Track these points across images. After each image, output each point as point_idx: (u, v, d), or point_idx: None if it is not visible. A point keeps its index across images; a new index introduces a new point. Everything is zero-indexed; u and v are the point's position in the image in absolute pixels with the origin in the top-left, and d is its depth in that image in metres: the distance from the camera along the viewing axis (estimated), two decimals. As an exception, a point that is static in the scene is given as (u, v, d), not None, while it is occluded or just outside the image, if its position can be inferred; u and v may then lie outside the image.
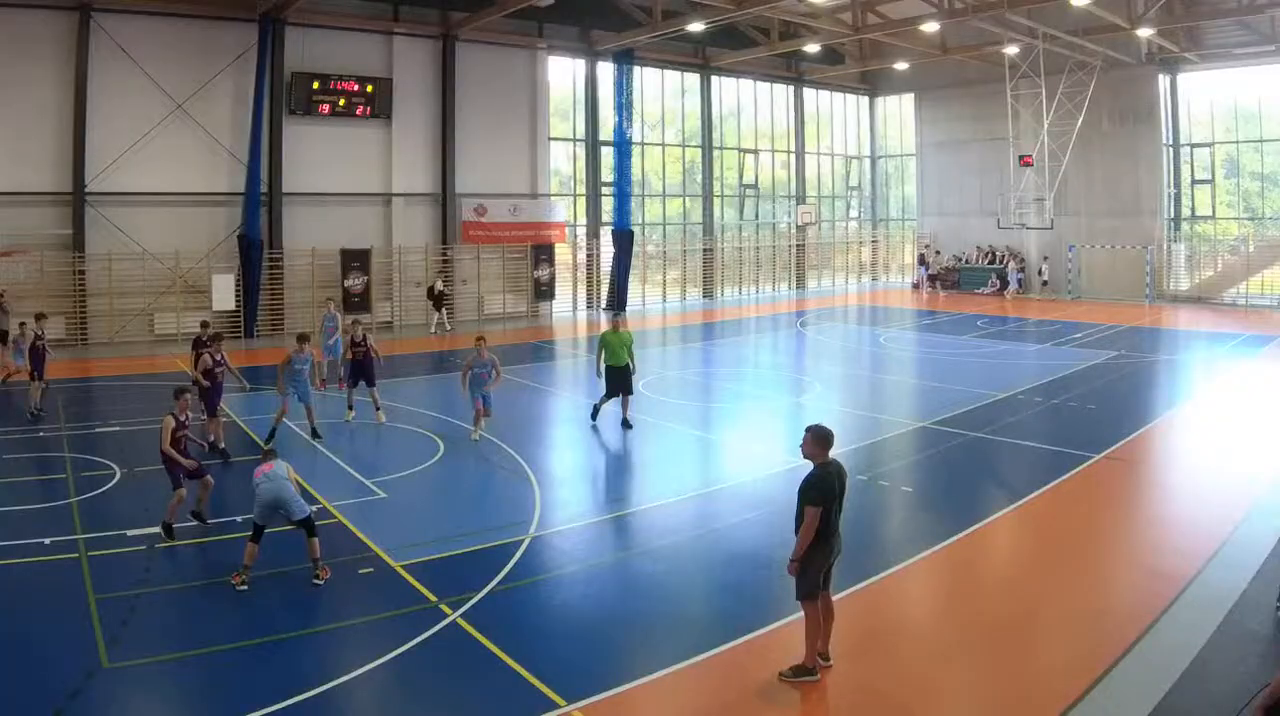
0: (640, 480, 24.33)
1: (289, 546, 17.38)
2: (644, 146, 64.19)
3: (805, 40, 59.39)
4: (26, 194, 42.71)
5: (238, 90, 47.43)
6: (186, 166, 46.46)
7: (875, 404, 33.30)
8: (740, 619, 14.94)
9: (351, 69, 50.46)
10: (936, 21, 52.36)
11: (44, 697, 12.46)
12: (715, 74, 67.11)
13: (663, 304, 64.77)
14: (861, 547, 17.09)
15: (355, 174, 51.39)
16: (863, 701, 12.90)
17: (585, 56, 60.20)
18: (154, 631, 14.68)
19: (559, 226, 58.82)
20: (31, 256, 42.45)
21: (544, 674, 13.09)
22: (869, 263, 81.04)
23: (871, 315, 60.99)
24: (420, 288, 53.40)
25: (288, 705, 12.28)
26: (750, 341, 49.36)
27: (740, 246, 71.02)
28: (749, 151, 71.13)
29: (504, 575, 16.73)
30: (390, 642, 14.08)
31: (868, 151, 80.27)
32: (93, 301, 44.75)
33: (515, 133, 57.02)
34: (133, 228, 45.04)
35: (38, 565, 17.19)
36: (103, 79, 44.11)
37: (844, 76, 74.06)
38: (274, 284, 48.93)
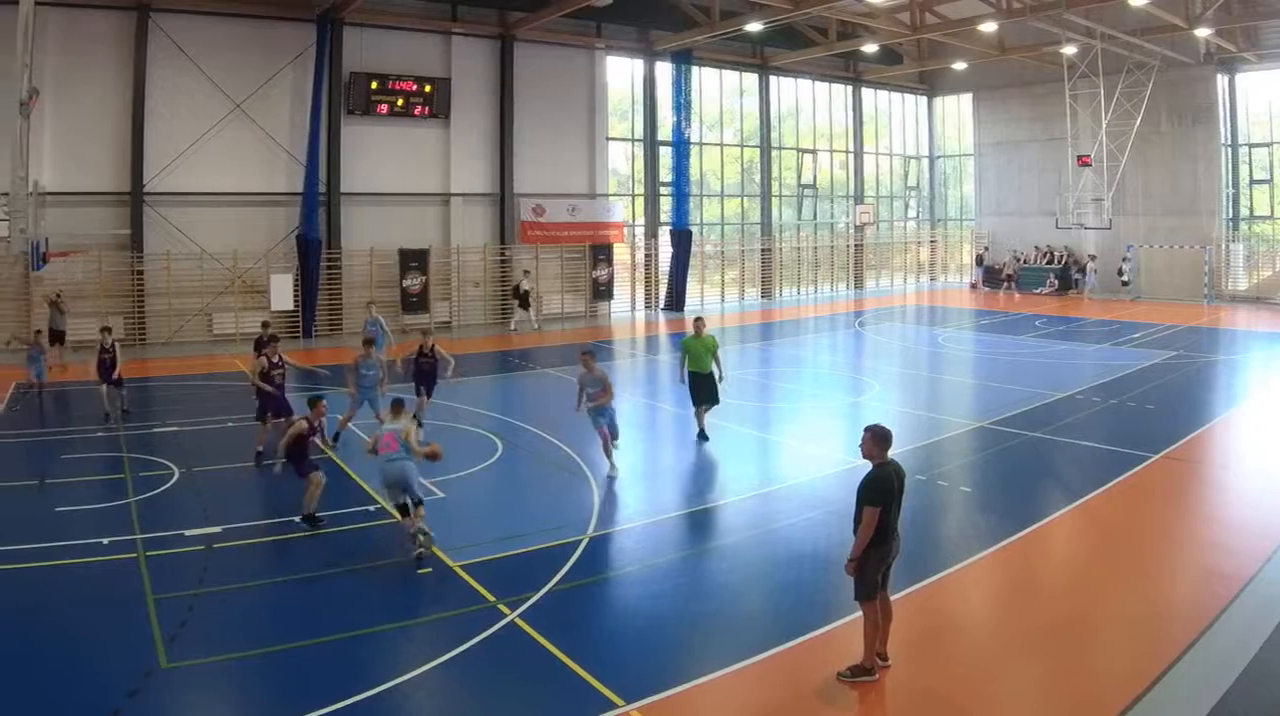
0: (699, 480, 23.47)
1: (346, 546, 17.74)
2: (702, 146, 62.89)
3: (863, 40, 58.34)
4: (85, 194, 41.90)
5: (296, 90, 46.62)
6: (245, 166, 45.69)
7: (933, 404, 32.57)
8: (798, 619, 14.59)
9: (410, 69, 49.51)
10: (994, 21, 50.91)
11: (103, 697, 12.20)
12: (773, 74, 65.77)
13: (721, 304, 63.37)
14: (920, 547, 16.79)
15: (413, 174, 50.49)
16: (920, 702, 12.52)
17: (643, 56, 59.06)
18: (212, 631, 14.37)
19: (617, 226, 57.76)
20: (90, 257, 41.59)
21: (602, 674, 12.76)
22: (927, 263, 79.39)
23: (929, 315, 59.70)
24: (478, 288, 52.50)
25: (346, 705, 12.01)
26: (808, 341, 48.13)
27: (799, 246, 69.57)
28: (807, 151, 69.61)
29: (562, 575, 16.36)
30: (448, 642, 13.76)
31: (926, 151, 78.53)
32: (151, 301, 43.94)
33: (573, 132, 56.05)
34: (191, 228, 44.30)
35: (97, 565, 16.84)
36: (161, 79, 43.36)
37: (902, 76, 72.47)
38: (332, 284, 47.99)
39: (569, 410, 27.56)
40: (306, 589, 16.10)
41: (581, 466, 23.41)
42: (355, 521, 19.50)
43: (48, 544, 17.65)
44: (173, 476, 22.29)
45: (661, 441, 27.36)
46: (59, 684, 12.70)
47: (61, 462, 23.58)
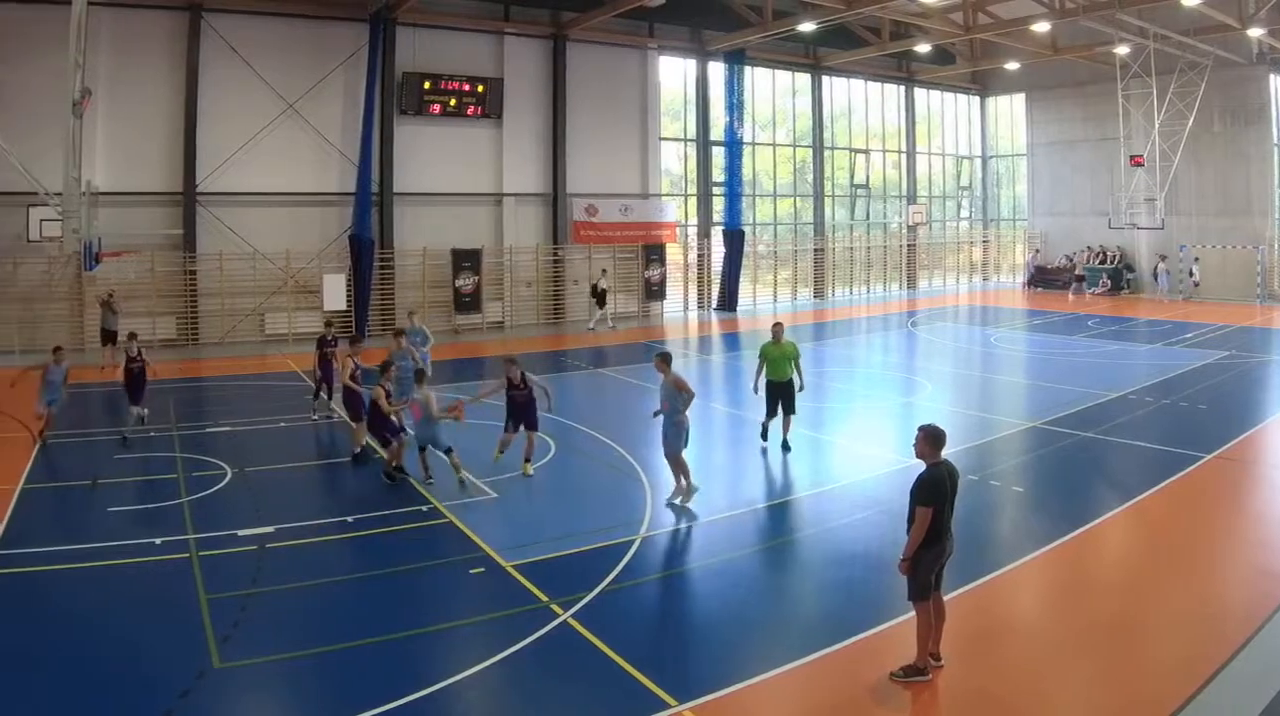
0: (752, 480, 23.17)
1: (399, 546, 17.75)
2: (755, 146, 61.73)
3: (916, 40, 57.13)
4: (137, 194, 41.27)
5: (348, 90, 45.85)
6: (297, 166, 44.98)
7: (986, 404, 32.02)
8: (851, 619, 14.46)
9: (462, 69, 48.66)
10: (1047, 21, 49.81)
11: (156, 697, 12.08)
12: (826, 74, 64.37)
13: (773, 304, 62.01)
14: (972, 547, 16.43)
15: (466, 174, 49.64)
16: (973, 702, 12.35)
17: (696, 56, 57.83)
18: (265, 631, 14.26)
19: (670, 226, 56.68)
20: (142, 257, 40.81)
21: (655, 674, 12.64)
22: (980, 263, 77.76)
23: (982, 315, 58.39)
24: (531, 288, 51.55)
25: (399, 705, 11.88)
26: (861, 341, 47.33)
27: (851, 246, 68.11)
28: (860, 151, 68.23)
29: (615, 575, 16.17)
30: (501, 642, 13.62)
31: (979, 151, 76.91)
32: (203, 301, 43.29)
33: (626, 132, 55.13)
34: (243, 228, 43.64)
35: (150, 565, 16.71)
36: (213, 79, 42.72)
37: (955, 76, 70.98)
38: (385, 284, 47.20)
39: (622, 410, 27.38)
40: (359, 589, 16.00)
41: (634, 467, 23.01)
42: (408, 521, 19.18)
43: (100, 544, 17.47)
44: (225, 476, 22.06)
45: (714, 441, 26.46)
46: (112, 684, 12.55)
47: (114, 463, 23.20)
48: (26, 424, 26.36)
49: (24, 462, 23.21)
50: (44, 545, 17.50)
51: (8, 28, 38.71)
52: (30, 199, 34.75)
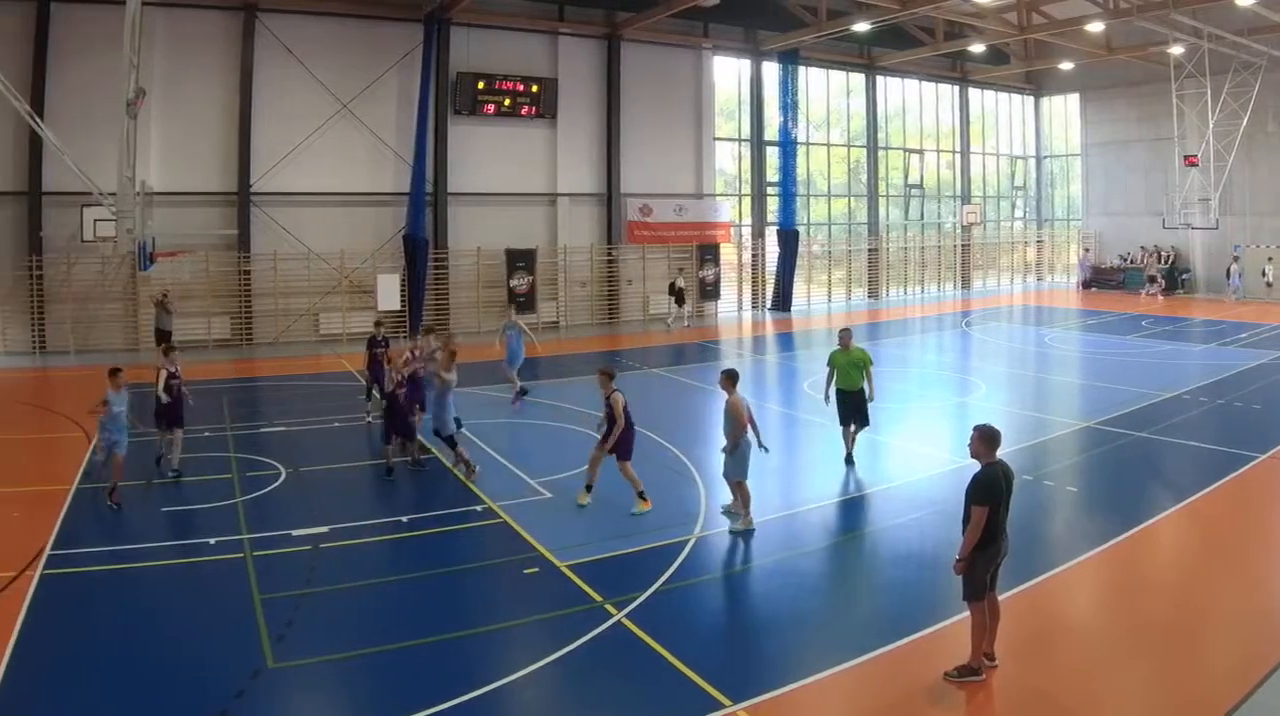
0: (806, 480, 22.79)
1: (452, 546, 17.64)
2: (809, 146, 60.16)
3: (970, 40, 55.78)
4: (192, 194, 40.60)
5: (402, 90, 44.98)
6: (351, 166, 44.25)
7: (1040, 403, 31.37)
8: (906, 619, 14.19)
9: (516, 69, 47.74)
10: (1101, 21, 49.32)
11: (210, 697, 11.97)
12: (880, 74, 62.91)
13: (828, 304, 60.87)
14: (1027, 547, 16.21)
15: (520, 174, 48.69)
16: (1028, 702, 12.18)
17: (750, 56, 56.65)
18: (319, 631, 14.08)
19: (724, 226, 55.59)
20: (196, 257, 40.16)
21: (709, 673, 12.46)
22: (1034, 263, 76.12)
23: (1036, 315, 57.17)
24: (585, 288, 50.59)
25: (453, 705, 11.73)
26: (915, 341, 46.14)
27: (905, 246, 66.57)
28: (914, 151, 66.73)
29: (669, 575, 15.93)
30: (555, 642, 13.46)
31: (1033, 151, 75.10)
32: (258, 301, 42.57)
33: (680, 132, 53.90)
34: (297, 227, 42.92)
35: (204, 565, 16.58)
36: (268, 79, 42.04)
37: (1009, 76, 69.24)
38: (439, 284, 46.30)
39: (676, 411, 27.47)
40: (413, 589, 15.79)
41: (688, 466, 22.60)
42: (462, 521, 18.92)
43: (155, 544, 17.32)
44: (280, 476, 21.77)
45: (768, 442, 24.51)
46: (167, 685, 12.40)
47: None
48: (82, 423, 25.99)
49: (78, 462, 22.74)
50: (98, 545, 17.24)
51: (63, 28, 38.15)
52: (84, 199, 34.40)
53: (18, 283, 38.67)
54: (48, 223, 38.45)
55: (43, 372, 36.53)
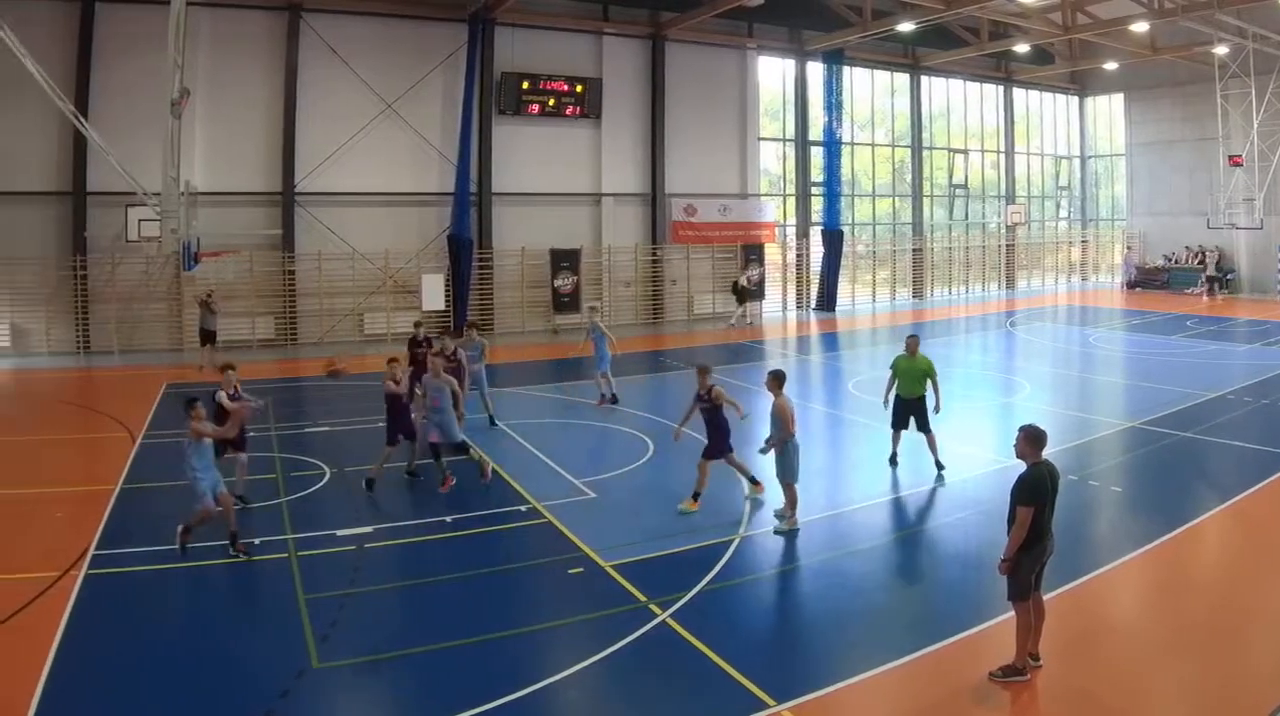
0: (850, 480, 22.50)
1: (497, 546, 17.35)
2: (853, 146, 58.98)
3: (1015, 40, 54.48)
4: (237, 194, 40.00)
5: (447, 90, 44.18)
6: (396, 166, 43.50)
7: (1085, 403, 30.80)
8: (950, 618, 14.03)
9: (561, 69, 46.81)
10: (1146, 21, 47.89)
11: (255, 697, 11.85)
12: (925, 74, 61.56)
13: (872, 304, 59.77)
14: (1071, 547, 15.81)
15: (564, 174, 47.86)
16: (1072, 702, 11.92)
17: (795, 56, 55.38)
18: (363, 631, 13.92)
19: (768, 226, 54.39)
20: (241, 257, 39.53)
21: (754, 673, 12.29)
22: (1078, 263, 74.52)
23: (1081, 315, 56.00)
24: (630, 288, 49.63)
25: (498, 705, 11.60)
26: (960, 341, 45.26)
27: (950, 246, 65.22)
28: (958, 151, 65.41)
29: (714, 575, 15.72)
30: (600, 642, 13.31)
31: (1077, 151, 73.44)
32: (302, 301, 41.92)
33: (725, 132, 52.83)
34: (342, 227, 42.22)
35: (249, 565, 16.32)
36: (312, 79, 41.38)
37: (1053, 76, 67.70)
38: (483, 284, 45.43)
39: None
40: (458, 589, 15.56)
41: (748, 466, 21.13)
42: (506, 521, 18.66)
43: (200, 544, 16.82)
44: (324, 476, 21.58)
45: (812, 442, 24.77)
46: (212, 684, 12.26)
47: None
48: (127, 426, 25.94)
49: (123, 462, 22.63)
50: (143, 545, 16.98)
51: (107, 28, 37.62)
52: (129, 199, 33.72)
53: (62, 282, 38.12)
54: (92, 223, 37.96)
55: (87, 372, 36.09)
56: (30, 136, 37.19)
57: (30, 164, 37.48)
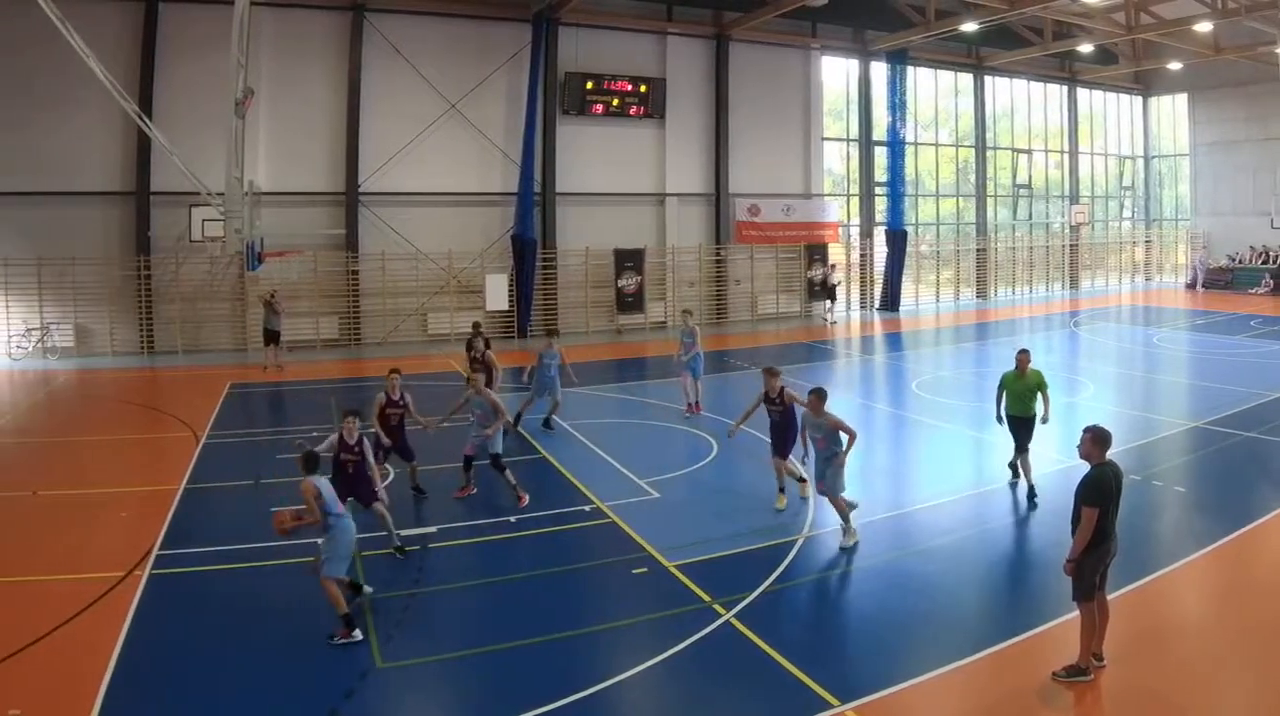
0: (914, 480, 21.97)
1: (561, 546, 17.00)
2: (917, 146, 57.34)
3: (1078, 40, 52.79)
4: (300, 194, 39.13)
5: (510, 90, 42.94)
6: (459, 166, 42.35)
7: (1148, 403, 29.93)
8: (1014, 618, 13.73)
9: (625, 69, 45.47)
10: (1209, 21, 46.81)
11: (320, 696, 11.58)
12: (988, 74, 59.52)
13: (936, 304, 58.11)
14: (1135, 547, 15.38)
15: (628, 174, 46.53)
16: (1136, 702, 11.59)
17: (858, 56, 53.67)
18: (428, 631, 13.74)
19: (832, 226, 52.74)
20: (305, 257, 38.53)
21: (817, 674, 11.96)
22: (1142, 263, 72.26)
23: (1145, 315, 54.04)
24: (694, 288, 48.06)
25: (561, 705, 11.30)
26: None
27: (1013, 246, 63.09)
28: (1022, 151, 63.33)
29: (777, 575, 15.38)
30: (664, 642, 12.97)
31: (1141, 151, 71.08)
32: (365, 301, 40.93)
33: (788, 132, 51.25)
34: (405, 227, 41.20)
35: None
36: (376, 79, 40.43)
37: (1117, 76, 65.36)
38: (547, 283, 44.15)
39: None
40: (522, 589, 15.27)
41: (796, 466, 20.50)
42: (571, 521, 18.27)
43: (263, 544, 16.54)
44: (388, 476, 20.70)
45: (875, 441, 25.07)
46: (276, 684, 12.01)
47: (276, 462, 21.91)
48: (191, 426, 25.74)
49: (186, 462, 22.34)
50: (207, 545, 16.72)
51: (171, 27, 36.82)
52: (192, 199, 33.06)
53: (126, 283, 37.34)
54: (156, 223, 37.19)
55: (151, 372, 35.33)
56: (94, 137, 36.40)
57: (94, 164, 36.73)
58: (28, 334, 36.63)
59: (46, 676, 12.06)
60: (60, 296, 37.05)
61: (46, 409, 29.73)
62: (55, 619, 13.55)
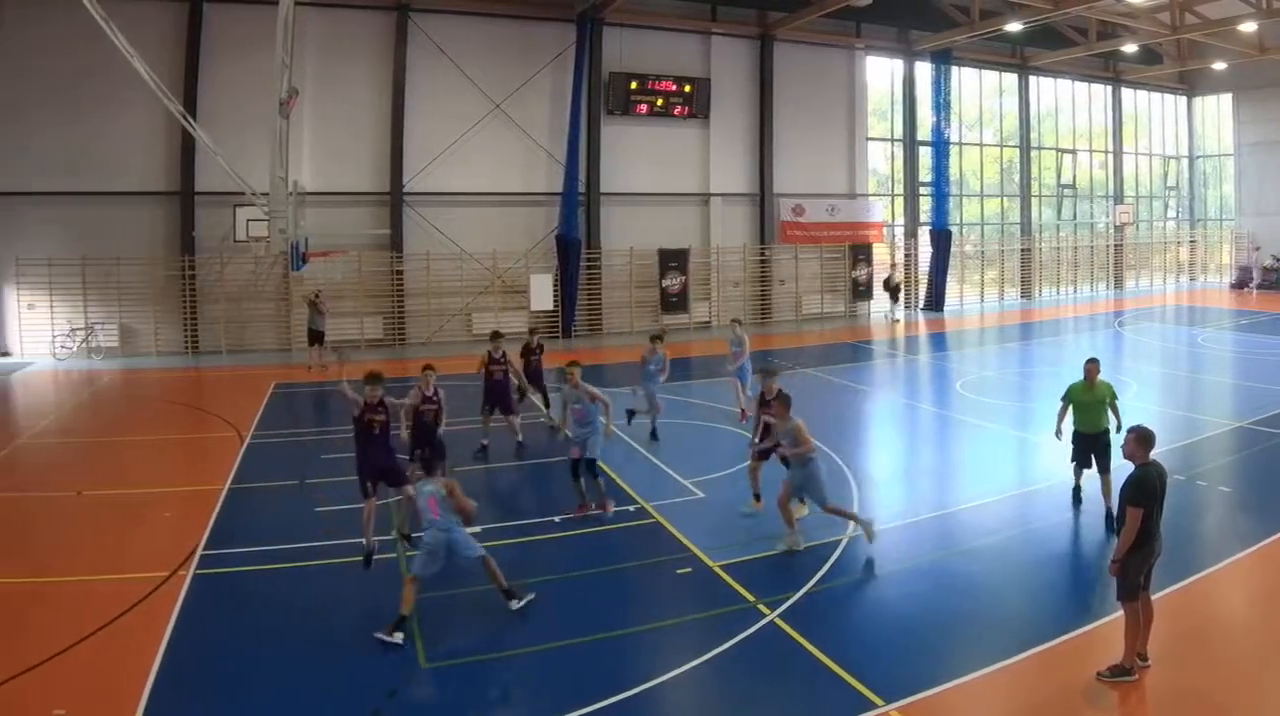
0: (958, 480, 21.39)
1: (606, 546, 16.71)
2: (962, 146, 55.95)
3: (1123, 40, 51.42)
4: (345, 194, 38.46)
5: (555, 90, 42.09)
6: (503, 166, 41.52)
7: (1193, 403, 29.21)
8: (1057, 619, 13.29)
9: (669, 69, 44.46)
10: (1254, 21, 46.13)
11: (363, 696, 11.39)
12: (1033, 74, 58.06)
13: (980, 304, 56.72)
14: (1179, 547, 15.03)
15: (672, 174, 45.48)
16: (1181, 702, 11.36)
17: (903, 56, 52.52)
18: (471, 630, 13.47)
19: (877, 226, 51.73)
20: (349, 257, 37.73)
21: (862, 673, 11.72)
22: (1187, 263, 70.71)
23: (1189, 315, 52.76)
24: (738, 288, 47.25)
25: (606, 705, 11.10)
26: (1068, 341, 43.02)
27: (1058, 246, 61.68)
28: (1067, 151, 61.70)
29: (822, 575, 15.03)
30: (708, 642, 12.68)
31: (1185, 151, 69.33)
32: (410, 301, 40.11)
33: (833, 132, 50.10)
34: (450, 227, 40.34)
35: (357, 565, 15.58)
36: (420, 79, 39.62)
37: (1162, 76, 63.74)
38: (591, 284, 43.28)
39: (829, 410, 26.89)
40: (566, 588, 14.95)
41: (842, 467, 21.09)
42: (615, 521, 17.81)
43: (309, 543, 16.59)
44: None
45: (920, 441, 25.35)
46: (320, 683, 11.79)
47: (321, 462, 21.72)
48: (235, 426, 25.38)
49: (231, 463, 21.99)
50: (251, 545, 16.47)
51: (215, 28, 36.22)
52: (237, 199, 32.18)
53: (170, 283, 36.73)
54: (200, 223, 36.57)
55: (195, 372, 34.76)
56: (139, 137, 35.85)
57: (139, 164, 36.19)
58: (72, 334, 36.05)
59: (91, 676, 11.83)
60: (105, 296, 36.46)
61: (91, 409, 29.26)
62: (100, 619, 13.29)
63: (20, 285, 36.13)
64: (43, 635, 12.78)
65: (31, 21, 34.74)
